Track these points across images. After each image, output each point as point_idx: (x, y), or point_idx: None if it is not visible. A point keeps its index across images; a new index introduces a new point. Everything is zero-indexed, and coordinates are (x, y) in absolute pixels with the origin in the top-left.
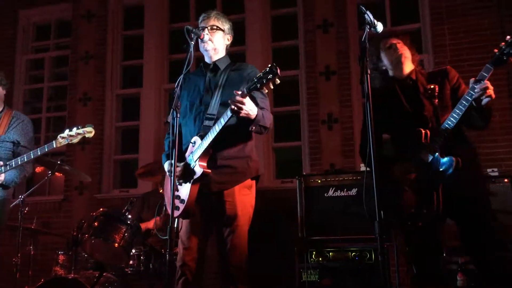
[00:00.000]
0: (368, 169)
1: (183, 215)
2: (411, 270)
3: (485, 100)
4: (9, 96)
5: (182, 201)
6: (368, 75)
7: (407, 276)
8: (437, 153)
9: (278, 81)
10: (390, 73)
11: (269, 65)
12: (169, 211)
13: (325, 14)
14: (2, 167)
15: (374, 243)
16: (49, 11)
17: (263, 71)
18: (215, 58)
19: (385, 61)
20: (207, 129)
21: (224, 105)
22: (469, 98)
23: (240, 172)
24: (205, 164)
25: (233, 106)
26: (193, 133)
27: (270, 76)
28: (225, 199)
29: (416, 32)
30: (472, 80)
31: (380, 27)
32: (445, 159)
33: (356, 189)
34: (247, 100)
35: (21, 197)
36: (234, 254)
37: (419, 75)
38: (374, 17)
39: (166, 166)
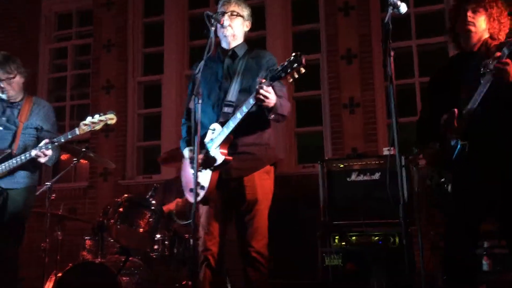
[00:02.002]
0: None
1: (203, 201)
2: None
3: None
4: (33, 85)
5: (202, 187)
6: (391, 57)
7: (431, 260)
8: (457, 137)
9: (303, 70)
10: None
11: (294, 54)
12: (188, 196)
13: None
14: (49, 144)
15: (398, 227)
16: (70, 1)
17: (287, 59)
18: (233, 44)
19: (457, 27)
20: (226, 116)
21: (243, 92)
22: (489, 77)
23: (259, 159)
24: (226, 151)
25: (260, 96)
26: (212, 119)
27: (295, 65)
28: (245, 184)
29: (439, 13)
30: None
31: (403, 8)
32: (456, 143)
33: (379, 173)
34: (270, 89)
35: (48, 184)
36: (256, 238)
37: (484, 47)
38: None
39: (185, 152)
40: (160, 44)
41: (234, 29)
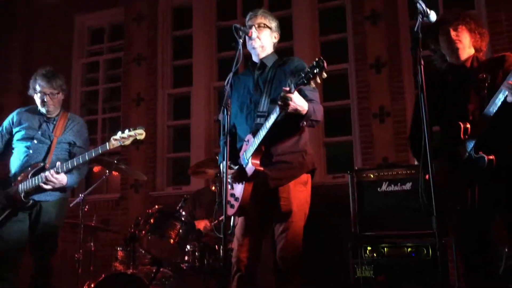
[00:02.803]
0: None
1: (238, 212)
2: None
3: (509, 98)
4: (66, 98)
5: (236, 199)
6: (422, 66)
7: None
8: (472, 149)
9: (325, 75)
10: (448, 59)
11: (316, 59)
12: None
13: (373, 5)
14: (60, 167)
15: (431, 238)
16: (103, 16)
17: (309, 65)
18: (262, 55)
19: (443, 47)
20: (259, 126)
21: (274, 101)
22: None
23: (296, 167)
24: (257, 161)
25: (280, 102)
26: (247, 132)
27: (316, 70)
28: (280, 195)
29: None
30: None
31: (433, 16)
32: (478, 156)
33: (411, 183)
34: (295, 96)
35: (81, 196)
36: (288, 250)
37: (476, 62)
38: (426, 5)
39: (222, 166)
40: (189, 57)
41: (262, 41)
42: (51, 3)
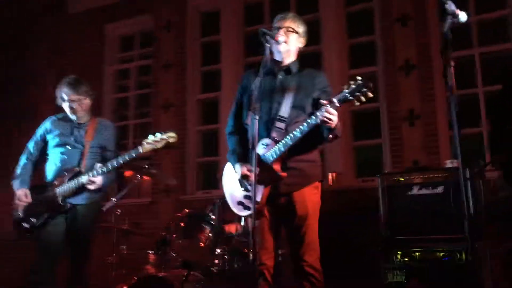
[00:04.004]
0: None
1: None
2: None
3: None
4: (98, 105)
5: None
6: (452, 67)
7: (501, 279)
8: None
9: (371, 94)
10: None
11: (360, 78)
12: (235, 210)
13: (402, 7)
14: (100, 169)
15: (465, 242)
16: (132, 24)
17: (354, 83)
18: (287, 60)
19: None
20: (279, 131)
21: (295, 108)
22: None
23: (308, 175)
24: (279, 167)
25: (323, 116)
26: (262, 133)
27: (364, 89)
28: (296, 199)
29: (503, 20)
30: None
31: (463, 17)
32: None
33: (442, 186)
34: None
35: (113, 200)
36: (308, 253)
37: None
38: (456, 6)
39: (237, 167)
40: (217, 62)
41: (289, 45)
42: (82, 12)
